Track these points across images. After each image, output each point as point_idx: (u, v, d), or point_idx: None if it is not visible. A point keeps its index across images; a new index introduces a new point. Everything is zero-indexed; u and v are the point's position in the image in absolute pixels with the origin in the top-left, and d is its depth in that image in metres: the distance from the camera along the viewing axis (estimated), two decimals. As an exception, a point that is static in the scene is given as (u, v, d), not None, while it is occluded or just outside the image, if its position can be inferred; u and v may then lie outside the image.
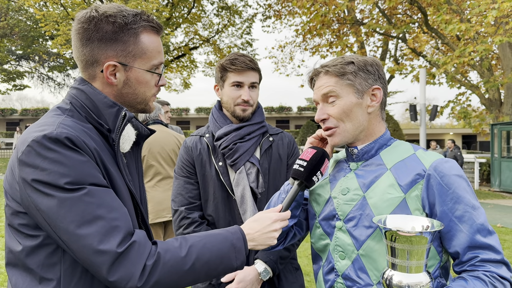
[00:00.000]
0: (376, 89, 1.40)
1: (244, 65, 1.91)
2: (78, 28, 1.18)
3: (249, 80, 1.94)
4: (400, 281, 1.10)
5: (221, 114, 2.03)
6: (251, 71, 1.94)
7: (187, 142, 2.04)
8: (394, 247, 1.10)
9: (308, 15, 16.70)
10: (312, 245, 1.56)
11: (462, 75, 16.66)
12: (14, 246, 1.12)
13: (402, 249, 1.09)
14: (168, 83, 24.55)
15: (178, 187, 2.00)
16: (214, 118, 2.04)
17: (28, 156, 1.03)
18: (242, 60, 1.91)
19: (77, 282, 1.10)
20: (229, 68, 1.92)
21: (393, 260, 1.12)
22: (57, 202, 1.01)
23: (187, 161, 2.00)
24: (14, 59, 29.71)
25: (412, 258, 1.09)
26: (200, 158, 1.98)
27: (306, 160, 1.38)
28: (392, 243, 1.10)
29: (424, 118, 10.89)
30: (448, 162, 1.31)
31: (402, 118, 61.48)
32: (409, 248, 1.08)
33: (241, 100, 1.94)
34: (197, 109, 42.68)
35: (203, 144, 2.00)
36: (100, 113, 1.19)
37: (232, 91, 1.94)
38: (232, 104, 1.96)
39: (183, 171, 2.01)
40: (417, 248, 1.08)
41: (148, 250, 1.08)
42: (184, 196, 1.97)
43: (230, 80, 1.94)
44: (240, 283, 1.77)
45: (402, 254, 1.09)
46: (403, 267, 1.10)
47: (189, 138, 2.06)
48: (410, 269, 1.10)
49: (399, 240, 1.08)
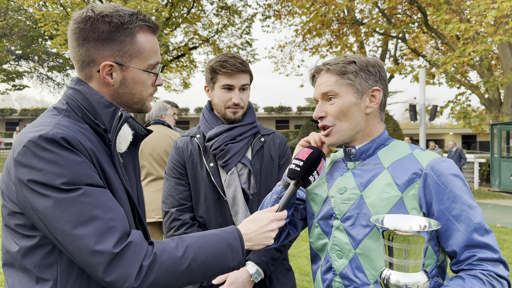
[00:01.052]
0: (376, 91, 1.40)
1: (234, 68, 1.87)
2: (74, 28, 1.18)
3: (240, 82, 1.91)
4: (398, 280, 1.10)
5: (212, 114, 2.00)
6: (242, 73, 1.91)
7: (177, 143, 2.01)
8: (392, 247, 1.10)
9: (308, 15, 16.72)
10: (311, 245, 1.57)
11: (461, 75, 16.66)
12: (11, 246, 1.12)
13: (400, 248, 1.09)
14: (167, 83, 24.57)
15: (169, 188, 1.97)
16: (205, 119, 2.01)
17: (24, 156, 1.03)
18: (232, 63, 1.88)
19: (73, 282, 1.10)
20: (219, 71, 1.90)
21: (391, 260, 1.12)
22: (53, 202, 1.01)
23: (178, 162, 1.97)
24: (13, 59, 29.70)
25: (409, 258, 1.09)
26: (191, 159, 1.96)
27: (303, 160, 1.37)
28: (389, 242, 1.10)
29: (423, 118, 10.90)
30: (445, 162, 1.31)
31: (402, 118, 61.47)
32: (406, 247, 1.08)
33: (232, 103, 1.91)
34: (196, 109, 42.66)
35: (194, 145, 1.98)
36: (97, 113, 1.19)
37: (223, 93, 1.92)
38: (222, 106, 1.94)
39: (174, 172, 1.98)
40: (415, 248, 1.08)
41: (144, 251, 1.08)
42: (175, 198, 1.94)
43: (220, 82, 1.92)
44: (231, 285, 1.76)
45: (400, 254, 1.09)
46: (400, 266, 1.10)
47: (180, 139, 2.03)
48: (408, 269, 1.10)
49: (397, 239, 1.08)
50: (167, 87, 24.94)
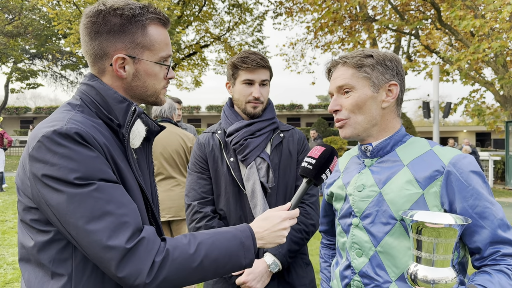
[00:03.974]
0: (393, 85, 1.39)
1: (255, 63, 1.94)
2: (86, 23, 1.18)
3: (260, 77, 1.97)
4: (425, 275, 1.07)
5: (232, 111, 2.07)
6: (262, 69, 1.97)
7: (200, 139, 2.09)
8: (421, 240, 1.08)
9: (320, 12, 16.62)
10: (336, 243, 1.57)
11: (476, 72, 16.42)
12: (27, 241, 1.13)
13: (429, 242, 1.06)
14: (179, 81, 24.66)
15: (191, 182, 2.05)
16: (225, 115, 2.08)
17: (38, 151, 1.03)
18: (253, 58, 1.95)
19: (88, 277, 1.10)
20: (240, 66, 1.96)
21: (419, 254, 1.09)
22: (67, 197, 1.01)
23: (200, 157, 2.05)
24: (28, 58, 30.12)
25: (438, 252, 1.06)
26: (213, 154, 2.02)
27: (315, 158, 1.37)
28: (418, 235, 1.08)
29: (437, 115, 10.77)
30: (466, 158, 1.30)
31: (415, 116, 60.88)
32: (436, 241, 1.06)
33: (252, 98, 1.97)
34: (208, 107, 42.78)
35: (215, 141, 2.05)
36: (110, 109, 1.19)
37: (243, 88, 1.98)
38: (243, 101, 2.00)
39: (196, 166, 2.05)
40: (445, 241, 1.06)
41: (157, 247, 1.07)
42: (197, 191, 2.01)
43: (241, 78, 1.98)
44: (249, 275, 1.81)
45: (429, 247, 1.07)
46: (428, 260, 1.08)
47: (202, 135, 2.11)
48: (436, 263, 1.07)
49: (427, 232, 1.06)
50: (179, 85, 25.02)
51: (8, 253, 5.75)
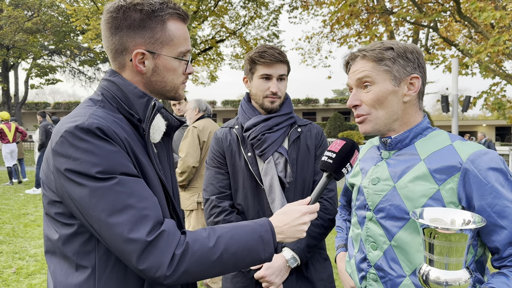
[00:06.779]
0: (415, 78, 1.35)
1: (272, 57, 1.93)
2: (107, 18, 1.20)
3: (278, 72, 1.96)
4: (438, 277, 1.05)
5: (249, 105, 2.06)
6: (280, 63, 1.96)
7: (217, 134, 2.09)
8: (432, 243, 1.05)
9: (336, 5, 16.44)
10: (350, 232, 1.57)
11: (496, 65, 16.07)
12: (52, 234, 1.16)
13: (441, 246, 1.03)
14: (195, 77, 24.75)
15: (209, 177, 2.05)
16: (243, 110, 2.07)
17: (61, 146, 1.06)
18: (270, 53, 1.93)
19: (111, 269, 1.13)
20: (258, 61, 1.95)
21: (431, 256, 1.07)
22: (89, 191, 1.03)
23: (217, 152, 2.05)
24: (46, 54, 30.60)
25: (451, 255, 1.03)
26: (230, 149, 2.03)
27: (335, 152, 1.33)
28: (430, 239, 1.05)
29: (456, 109, 10.59)
30: (487, 154, 1.24)
31: (433, 110, 60.00)
32: (448, 245, 1.02)
33: (270, 92, 1.96)
34: (223, 102, 42.88)
35: (232, 136, 2.05)
36: (131, 104, 1.21)
37: (261, 83, 1.97)
38: (260, 96, 1.99)
39: (214, 161, 2.06)
40: (457, 246, 1.02)
41: (177, 240, 1.09)
42: (215, 186, 2.02)
43: (259, 72, 1.97)
44: (268, 270, 1.81)
45: (441, 251, 1.04)
46: (441, 264, 1.05)
47: (220, 130, 2.11)
48: (449, 266, 1.04)
49: (438, 237, 1.03)
50: (195, 80, 25.13)
51: (30, 245, 5.88)
